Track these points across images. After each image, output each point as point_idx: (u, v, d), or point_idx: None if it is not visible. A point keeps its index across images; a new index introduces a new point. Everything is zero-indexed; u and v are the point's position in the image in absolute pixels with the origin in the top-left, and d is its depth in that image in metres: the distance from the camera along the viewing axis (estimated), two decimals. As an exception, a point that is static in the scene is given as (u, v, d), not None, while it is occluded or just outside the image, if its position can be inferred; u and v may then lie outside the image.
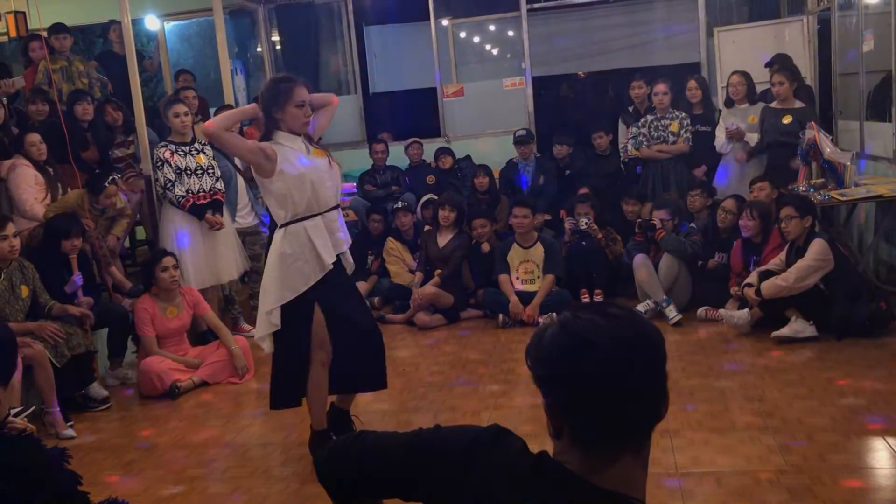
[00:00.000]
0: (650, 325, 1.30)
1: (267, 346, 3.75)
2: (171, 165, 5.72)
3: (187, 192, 5.73)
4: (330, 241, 3.64)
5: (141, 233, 7.04)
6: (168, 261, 5.32)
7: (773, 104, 6.43)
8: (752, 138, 6.54)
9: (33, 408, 4.49)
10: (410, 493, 1.46)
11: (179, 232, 5.78)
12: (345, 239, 3.78)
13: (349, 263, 3.85)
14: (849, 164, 5.87)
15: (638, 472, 1.30)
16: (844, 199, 5.76)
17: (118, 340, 5.46)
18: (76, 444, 4.43)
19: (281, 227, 3.60)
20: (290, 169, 3.52)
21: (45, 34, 6.99)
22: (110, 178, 5.77)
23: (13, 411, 3.99)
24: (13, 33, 7.69)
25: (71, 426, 4.62)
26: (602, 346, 1.22)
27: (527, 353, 1.32)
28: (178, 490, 3.74)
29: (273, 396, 3.85)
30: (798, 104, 6.34)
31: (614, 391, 1.23)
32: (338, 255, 3.71)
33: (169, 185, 5.71)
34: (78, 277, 5.17)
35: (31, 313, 4.88)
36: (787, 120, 6.26)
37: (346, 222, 8.20)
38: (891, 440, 3.64)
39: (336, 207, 3.73)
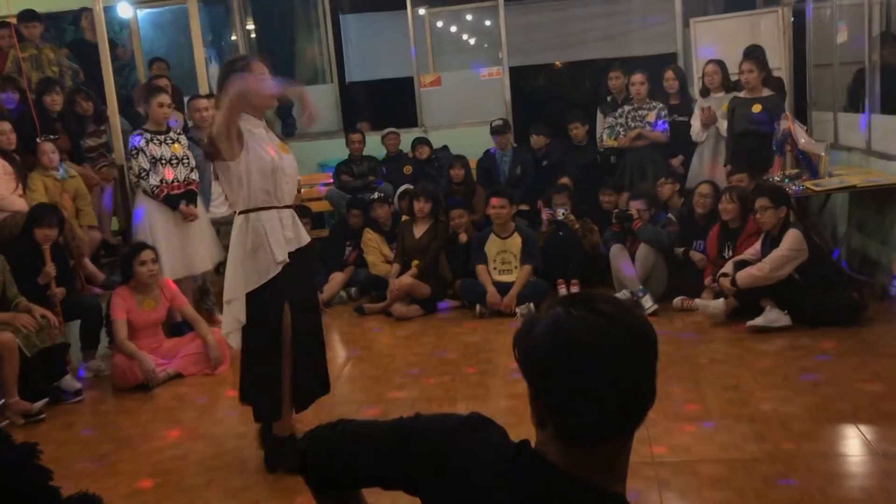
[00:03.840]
0: (644, 323, 1.28)
1: (234, 342, 3.61)
2: (146, 154, 5.66)
3: (161, 181, 5.67)
4: (284, 235, 3.52)
5: (114, 223, 6.97)
6: (147, 255, 5.23)
7: (742, 94, 6.47)
8: (723, 125, 6.60)
9: (3, 400, 4.45)
10: (390, 481, 1.45)
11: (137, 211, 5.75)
12: (296, 237, 3.59)
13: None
14: (823, 154, 5.93)
15: (619, 467, 1.30)
16: (818, 189, 5.82)
17: (91, 332, 5.39)
18: (49, 436, 4.37)
19: (240, 213, 3.53)
20: (257, 153, 3.43)
21: (14, 21, 6.87)
22: (42, 136, 5.84)
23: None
24: (-19, 20, 7.56)
25: (41, 406, 4.61)
26: (594, 347, 1.21)
27: (515, 343, 1.30)
28: (153, 482, 3.71)
29: (257, 409, 3.64)
30: (767, 93, 6.38)
31: (602, 391, 1.21)
32: (305, 248, 3.63)
33: (143, 174, 5.64)
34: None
35: (0, 306, 4.81)
36: (756, 108, 6.29)
37: (322, 213, 8.21)
38: (863, 428, 3.68)
39: (291, 207, 3.62)
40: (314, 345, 3.71)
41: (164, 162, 5.70)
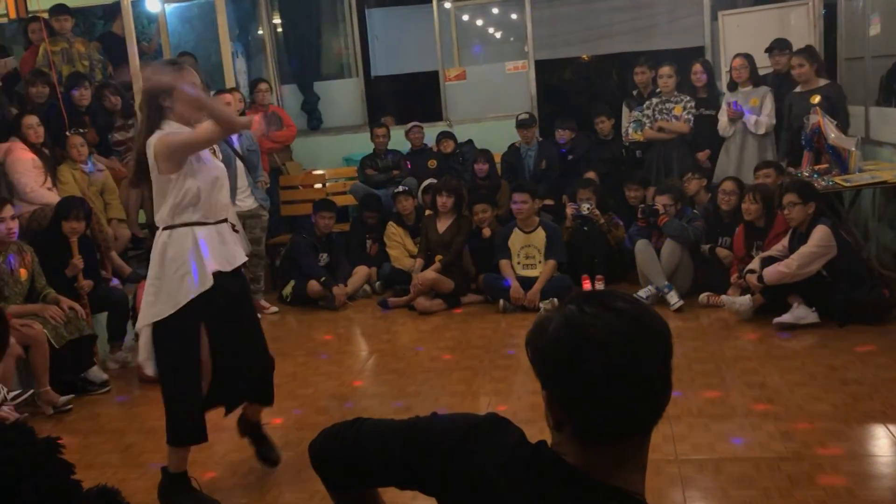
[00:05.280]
0: (658, 320, 1.26)
1: (149, 370, 3.31)
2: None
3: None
4: (220, 251, 3.25)
5: (141, 216, 7.03)
6: None
7: (798, 89, 6.36)
8: (751, 120, 6.52)
9: (31, 391, 4.51)
10: (405, 481, 1.44)
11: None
12: (236, 254, 3.36)
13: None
14: (853, 149, 5.83)
15: (637, 467, 1.28)
16: (848, 184, 5.72)
17: (118, 324, 5.46)
18: (76, 427, 4.44)
19: (164, 229, 3.20)
20: (195, 165, 3.15)
21: (45, 15, 6.95)
22: (71, 129, 5.88)
23: (10, 395, 4.01)
24: (13, 14, 7.66)
25: (68, 399, 4.67)
26: (608, 345, 1.19)
27: (527, 344, 1.29)
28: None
29: (175, 431, 3.32)
30: (822, 82, 6.28)
31: (619, 389, 1.20)
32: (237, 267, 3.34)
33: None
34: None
35: (29, 297, 4.87)
36: (815, 100, 6.16)
37: (347, 207, 8.21)
38: (892, 427, 3.62)
39: (226, 221, 3.33)
40: (242, 356, 3.38)
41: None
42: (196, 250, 3.17)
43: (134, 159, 3.29)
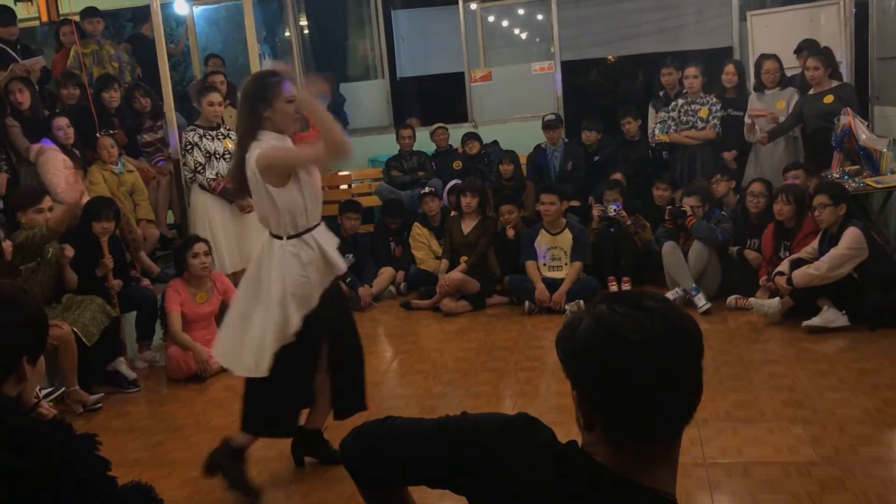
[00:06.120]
0: (688, 320, 1.26)
1: (248, 371, 3.37)
2: (200, 149, 5.77)
3: (217, 175, 5.78)
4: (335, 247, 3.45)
5: (169, 216, 7.10)
6: (199, 247, 5.31)
7: (811, 91, 6.30)
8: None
9: (62, 389, 4.57)
10: (436, 480, 1.45)
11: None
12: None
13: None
14: (885, 150, 5.76)
15: (668, 467, 1.28)
16: (880, 186, 5.65)
17: (146, 324, 5.51)
18: (105, 425, 4.49)
19: (290, 238, 3.29)
20: (304, 174, 3.28)
21: (76, 18, 7.04)
22: (101, 130, 5.98)
23: (42, 392, 4.07)
24: (44, 17, 7.76)
25: (98, 398, 4.73)
26: (640, 344, 1.19)
27: (557, 344, 1.29)
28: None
29: (267, 422, 3.44)
30: (834, 83, 6.23)
31: (650, 389, 1.20)
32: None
33: (199, 168, 5.75)
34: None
35: (56, 294, 4.93)
36: (828, 100, 6.12)
37: (373, 208, 8.26)
38: (925, 433, 3.58)
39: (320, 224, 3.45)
40: (352, 359, 3.63)
41: (217, 156, 5.81)
42: (320, 251, 3.35)
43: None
